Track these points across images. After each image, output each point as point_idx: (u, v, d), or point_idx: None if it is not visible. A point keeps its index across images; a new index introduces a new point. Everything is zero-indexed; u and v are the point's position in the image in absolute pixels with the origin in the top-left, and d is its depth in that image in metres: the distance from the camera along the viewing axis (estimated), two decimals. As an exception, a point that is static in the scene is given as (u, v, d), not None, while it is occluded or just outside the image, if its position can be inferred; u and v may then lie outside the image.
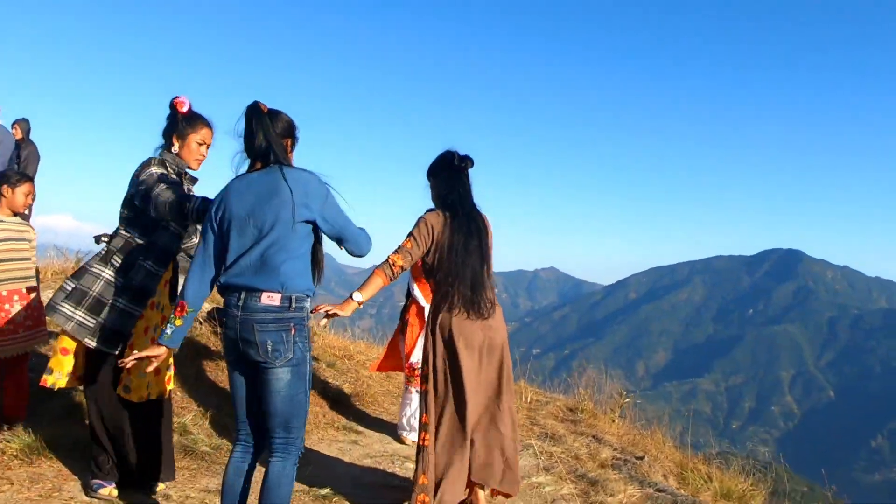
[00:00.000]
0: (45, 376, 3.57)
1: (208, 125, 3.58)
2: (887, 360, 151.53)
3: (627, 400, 7.73)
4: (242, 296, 2.84)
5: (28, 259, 4.35)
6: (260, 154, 2.96)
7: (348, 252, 3.10)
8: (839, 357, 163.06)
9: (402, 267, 3.71)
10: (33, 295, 4.31)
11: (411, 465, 4.89)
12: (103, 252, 3.54)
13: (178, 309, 2.92)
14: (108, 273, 3.46)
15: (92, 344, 3.41)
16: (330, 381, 6.87)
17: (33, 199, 4.45)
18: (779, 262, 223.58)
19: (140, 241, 3.49)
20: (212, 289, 3.00)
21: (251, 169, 3.00)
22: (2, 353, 4.11)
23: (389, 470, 4.83)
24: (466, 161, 3.92)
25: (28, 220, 9.24)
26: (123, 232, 3.53)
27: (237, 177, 3.01)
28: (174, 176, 3.50)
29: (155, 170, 3.42)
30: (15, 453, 3.91)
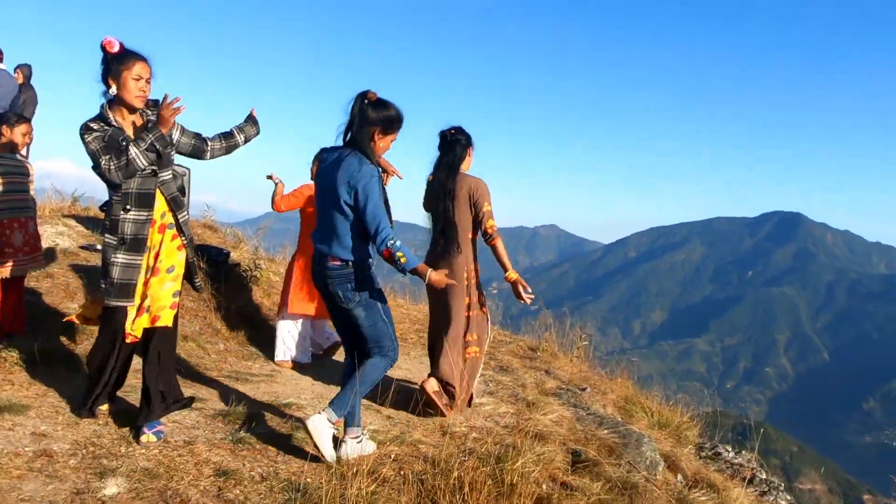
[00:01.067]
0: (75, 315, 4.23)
1: (142, 58, 3.55)
2: (884, 324, 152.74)
3: (585, 342, 8.23)
4: (318, 257, 3.73)
5: (26, 192, 4.84)
6: (346, 134, 3.65)
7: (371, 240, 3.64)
8: (836, 320, 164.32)
9: None
10: (31, 224, 4.82)
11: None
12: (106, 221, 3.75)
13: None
14: (107, 237, 3.64)
15: (111, 303, 3.65)
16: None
17: (31, 140, 4.93)
18: (780, 225, 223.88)
19: (118, 196, 3.61)
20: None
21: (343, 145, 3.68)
22: (2, 273, 4.63)
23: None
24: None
25: (26, 159, 9.76)
26: (110, 193, 3.72)
27: (325, 148, 3.80)
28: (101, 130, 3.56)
29: (88, 138, 3.49)
30: (16, 361, 4.46)
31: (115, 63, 3.50)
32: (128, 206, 3.57)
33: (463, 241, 4.80)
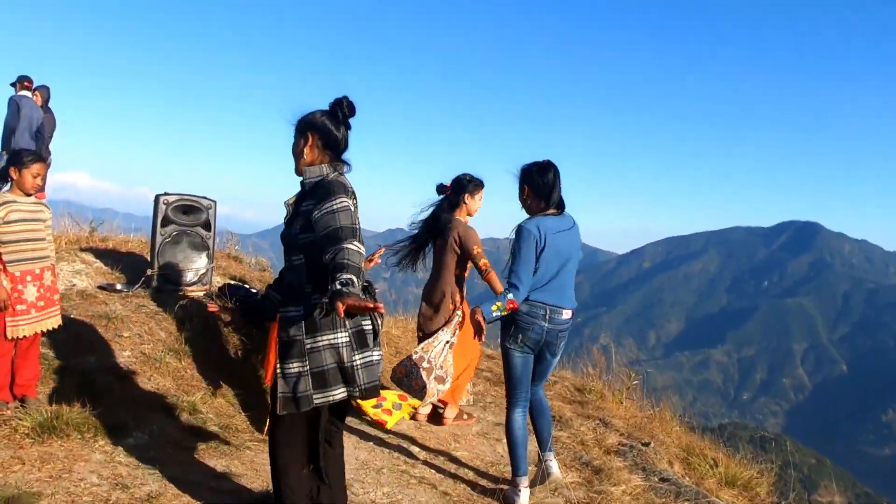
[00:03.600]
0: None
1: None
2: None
3: (636, 382, 7.72)
4: (559, 313, 4.16)
5: (42, 240, 4.37)
6: (553, 198, 4.24)
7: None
8: (853, 331, 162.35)
9: None
10: (46, 275, 4.35)
11: (417, 448, 4.94)
12: None
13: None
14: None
15: None
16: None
17: (43, 181, 4.45)
18: (796, 235, 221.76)
19: None
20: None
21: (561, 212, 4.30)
22: (15, 332, 4.15)
23: (395, 454, 4.86)
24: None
25: (42, 190, 9.35)
26: None
27: (543, 216, 4.20)
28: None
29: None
30: (27, 431, 3.98)
31: None
32: None
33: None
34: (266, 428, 3.16)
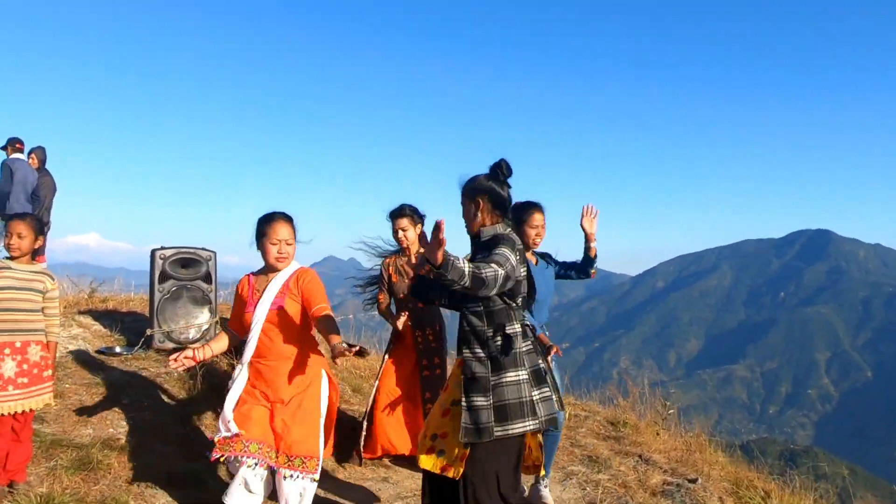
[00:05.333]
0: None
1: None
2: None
3: (672, 411, 7.29)
4: None
5: (31, 311, 4.00)
6: None
7: None
8: (875, 336, 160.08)
9: None
10: (32, 350, 3.97)
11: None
12: None
13: None
14: None
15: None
16: (355, 406, 6.51)
17: (35, 244, 4.11)
18: (808, 243, 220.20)
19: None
20: None
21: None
22: None
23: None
24: None
25: (42, 254, 9.04)
26: None
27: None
28: None
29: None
30: (15, 524, 3.59)
31: None
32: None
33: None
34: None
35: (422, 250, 3.71)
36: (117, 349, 5.92)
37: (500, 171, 3.42)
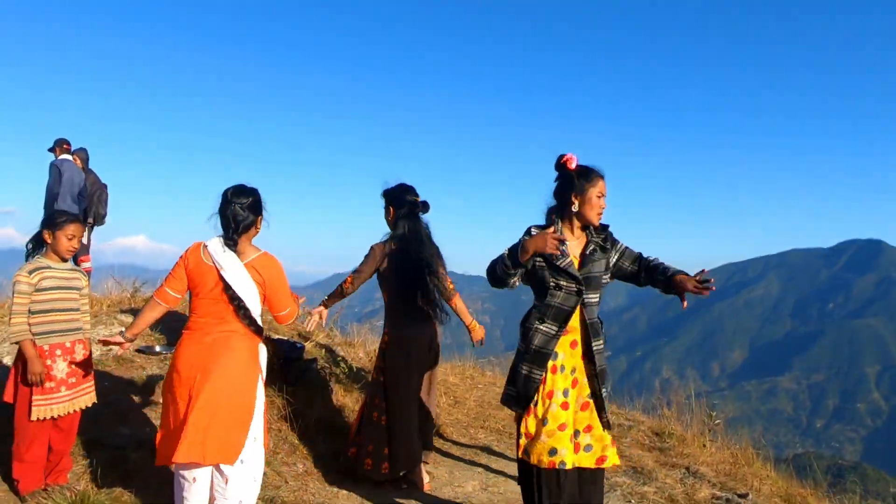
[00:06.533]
0: None
1: (602, 176, 3.51)
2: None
3: (718, 422, 7.05)
4: None
5: (76, 310, 3.99)
6: None
7: None
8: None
9: None
10: (78, 349, 3.96)
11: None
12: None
13: None
14: (520, 343, 3.56)
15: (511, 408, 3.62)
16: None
17: (80, 242, 4.08)
18: (858, 254, 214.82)
19: (536, 304, 3.54)
20: None
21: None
22: (40, 413, 3.75)
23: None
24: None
25: (87, 253, 9.12)
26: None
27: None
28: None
29: None
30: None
31: (580, 179, 3.45)
32: (544, 318, 3.46)
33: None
34: None
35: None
36: (157, 348, 5.91)
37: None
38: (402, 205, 4.72)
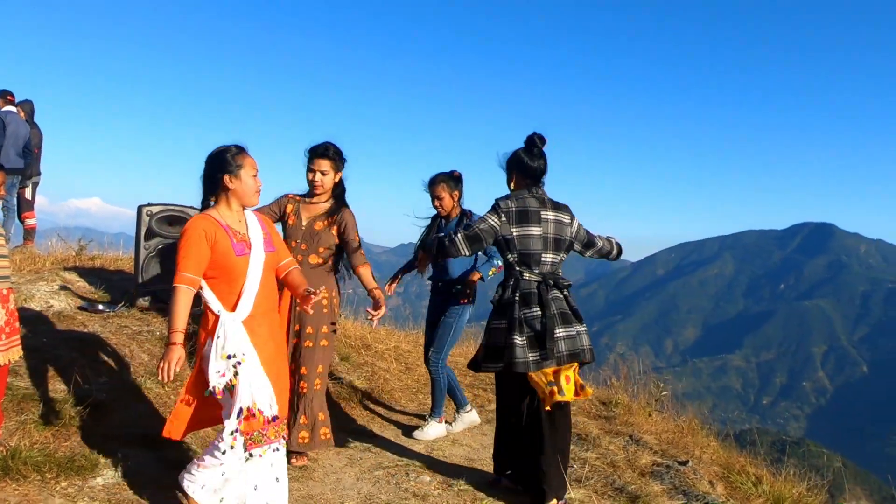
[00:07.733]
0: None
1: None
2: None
3: (665, 393, 7.15)
4: None
5: (5, 256, 3.74)
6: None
7: None
8: (873, 332, 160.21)
9: None
10: (11, 298, 3.70)
11: (427, 478, 4.39)
12: None
13: None
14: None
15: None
16: (343, 376, 6.38)
17: (4, 190, 3.91)
18: (810, 236, 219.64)
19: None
20: None
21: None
22: None
23: (403, 485, 4.30)
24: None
25: (31, 209, 8.88)
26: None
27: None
28: None
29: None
30: (-20, 476, 3.45)
31: None
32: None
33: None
34: None
35: None
36: (100, 306, 5.77)
37: (533, 144, 4.05)
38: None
